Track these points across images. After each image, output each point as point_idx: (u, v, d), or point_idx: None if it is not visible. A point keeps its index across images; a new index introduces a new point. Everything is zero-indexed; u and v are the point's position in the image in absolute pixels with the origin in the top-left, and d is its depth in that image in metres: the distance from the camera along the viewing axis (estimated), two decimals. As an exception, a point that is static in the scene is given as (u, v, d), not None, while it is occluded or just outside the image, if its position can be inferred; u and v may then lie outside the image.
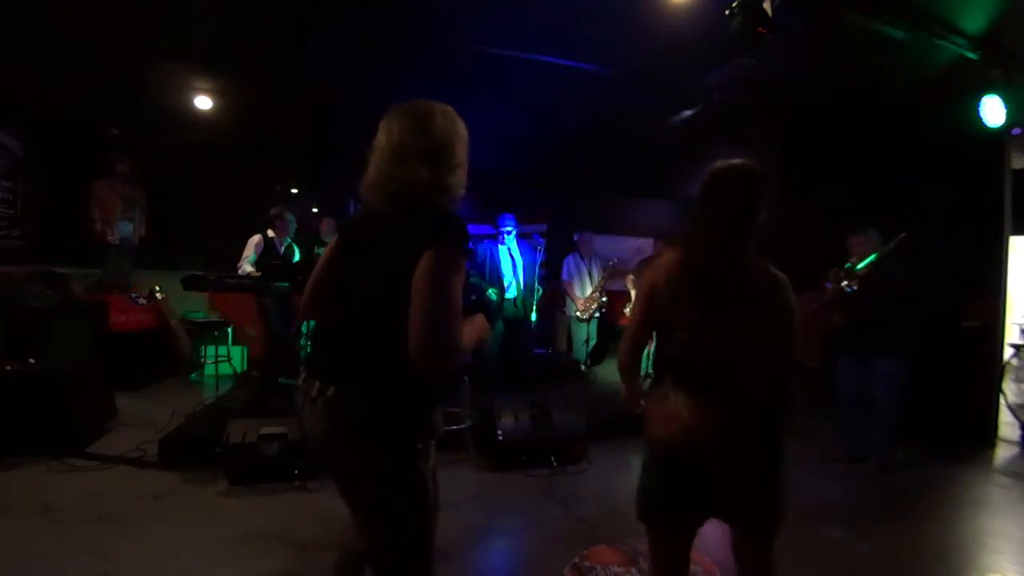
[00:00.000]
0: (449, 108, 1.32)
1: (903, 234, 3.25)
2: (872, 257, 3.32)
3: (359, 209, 1.32)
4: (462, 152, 1.30)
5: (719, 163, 1.46)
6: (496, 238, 4.93)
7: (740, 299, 1.37)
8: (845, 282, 3.33)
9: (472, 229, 7.18)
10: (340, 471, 1.24)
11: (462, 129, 1.32)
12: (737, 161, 1.45)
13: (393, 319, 1.12)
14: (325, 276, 1.36)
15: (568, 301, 6.08)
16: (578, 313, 5.89)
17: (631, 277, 5.90)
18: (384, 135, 1.26)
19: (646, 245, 7.38)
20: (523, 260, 5.06)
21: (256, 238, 4.52)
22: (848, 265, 3.39)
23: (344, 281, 1.29)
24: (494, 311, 4.59)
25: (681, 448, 1.38)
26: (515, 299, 4.91)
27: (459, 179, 1.30)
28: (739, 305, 1.36)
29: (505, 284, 4.86)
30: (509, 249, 4.92)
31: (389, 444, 1.18)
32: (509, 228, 4.87)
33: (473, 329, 1.31)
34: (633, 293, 5.84)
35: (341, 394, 1.18)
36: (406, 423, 1.20)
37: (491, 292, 4.64)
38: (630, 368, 1.57)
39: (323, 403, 1.19)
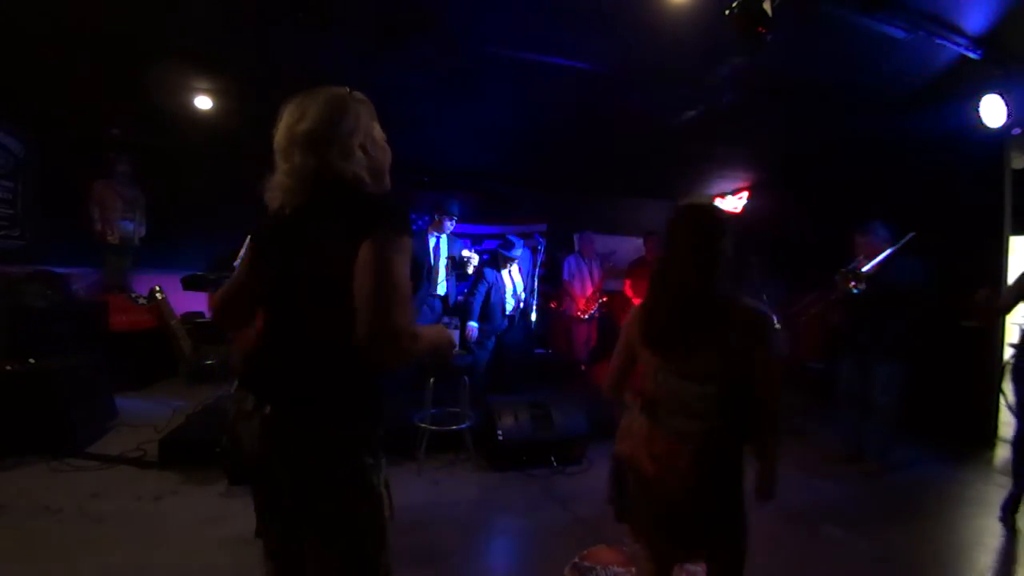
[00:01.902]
0: (341, 91, 1.22)
1: (912, 234, 3.25)
2: (880, 257, 3.30)
3: (269, 216, 1.21)
4: (359, 136, 1.19)
5: (681, 203, 1.47)
6: (501, 263, 4.81)
7: (708, 337, 1.35)
8: (853, 283, 3.32)
9: (486, 245, 7.11)
10: (279, 493, 1.13)
11: (356, 112, 1.20)
12: (697, 200, 1.46)
13: (328, 324, 1.05)
14: (242, 285, 1.27)
15: (568, 301, 6.08)
16: (579, 313, 5.89)
17: (628, 281, 5.91)
18: (286, 123, 1.17)
19: (646, 245, 7.38)
20: (525, 269, 5.03)
21: None
22: (853, 266, 3.38)
23: (270, 288, 1.20)
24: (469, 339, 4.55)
25: (631, 471, 1.43)
26: (514, 315, 4.90)
27: (363, 164, 1.18)
28: (707, 343, 1.35)
29: (507, 309, 4.83)
30: (510, 272, 4.88)
31: (335, 463, 1.09)
32: (517, 253, 4.81)
33: (432, 332, 1.22)
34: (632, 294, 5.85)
35: (277, 413, 1.10)
36: (351, 440, 1.11)
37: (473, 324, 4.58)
38: (613, 394, 1.60)
39: (259, 421, 1.11)
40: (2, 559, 2.21)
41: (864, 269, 3.32)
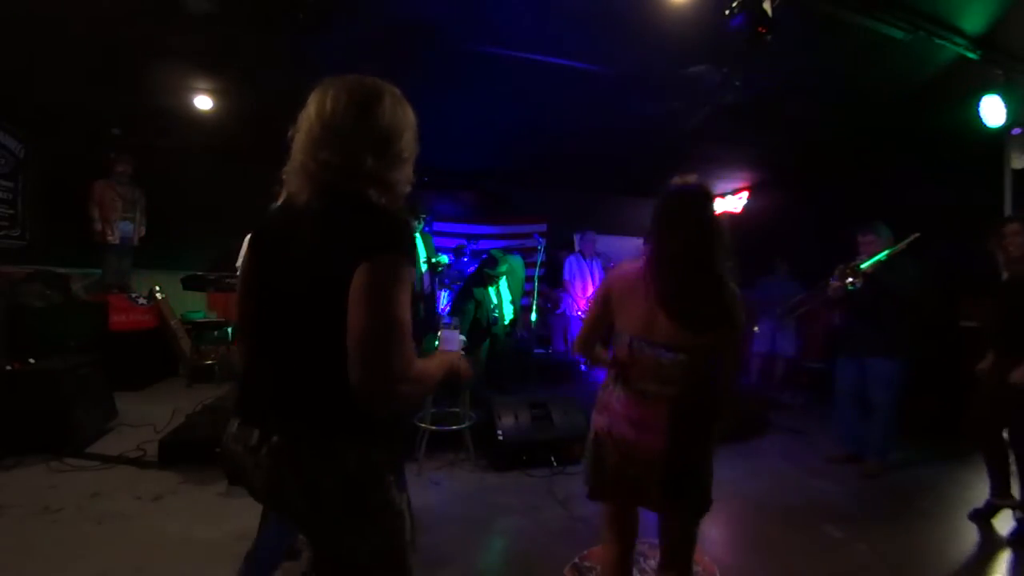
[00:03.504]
0: (398, 91, 1.11)
1: (915, 234, 3.23)
2: (880, 256, 3.29)
3: (272, 212, 1.10)
4: (411, 144, 1.10)
5: (675, 184, 1.49)
6: (486, 280, 4.79)
7: (709, 318, 1.42)
8: (850, 279, 3.31)
9: (482, 245, 7.06)
10: (297, 519, 1.06)
11: (412, 118, 1.11)
12: (691, 182, 1.49)
13: (334, 341, 0.93)
14: (247, 297, 1.13)
15: (568, 301, 6.08)
16: (579, 313, 5.89)
17: None
18: (315, 110, 1.03)
19: (646, 245, 7.39)
20: (522, 273, 5.02)
21: None
22: (854, 263, 3.37)
23: (268, 301, 1.05)
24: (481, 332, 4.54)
25: (607, 438, 1.50)
26: (511, 321, 4.89)
27: (406, 175, 1.10)
28: (708, 324, 1.42)
29: (493, 323, 4.82)
30: (498, 288, 4.85)
31: (353, 488, 0.99)
32: (503, 270, 4.79)
33: (441, 365, 1.13)
34: None
35: (287, 442, 0.98)
36: (368, 460, 1.00)
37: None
38: (583, 351, 1.68)
39: (267, 453, 0.99)
40: (2, 559, 2.21)
41: (862, 266, 3.31)
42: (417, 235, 4.78)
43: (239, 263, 4.37)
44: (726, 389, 1.48)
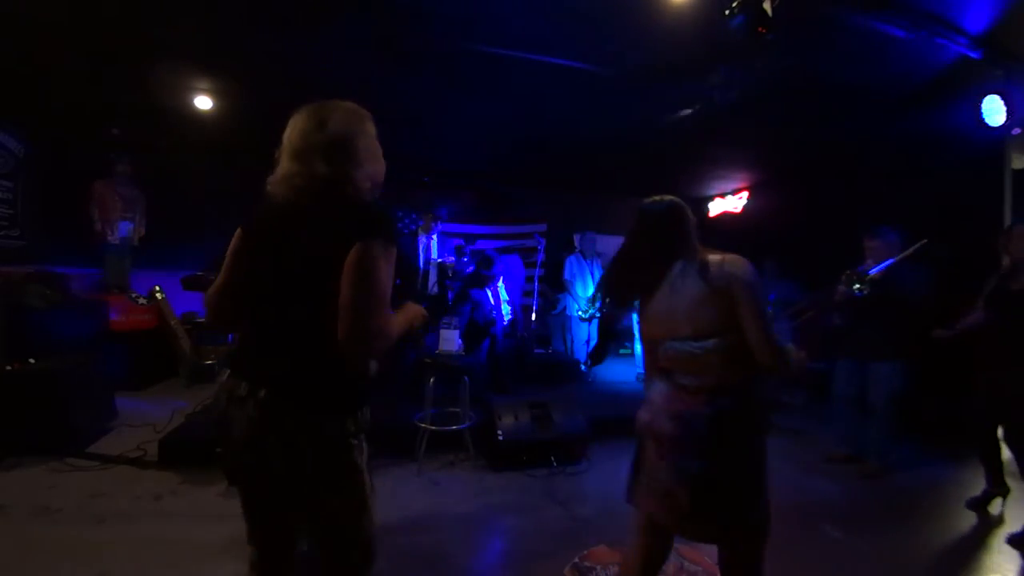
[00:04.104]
0: (355, 107, 1.34)
1: (924, 241, 3.22)
2: (889, 263, 3.27)
3: (261, 207, 1.30)
4: (368, 149, 1.31)
5: (650, 200, 1.56)
6: (481, 281, 4.82)
7: (696, 294, 1.41)
8: (857, 285, 3.30)
9: (479, 245, 7.08)
10: (271, 473, 1.19)
11: (367, 127, 1.33)
12: (664, 198, 1.55)
13: (321, 315, 1.13)
14: (232, 278, 1.31)
15: (568, 301, 6.08)
16: (579, 313, 5.89)
17: None
18: (287, 134, 1.29)
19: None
20: (513, 277, 5.03)
21: None
22: (860, 268, 3.36)
23: (264, 279, 1.24)
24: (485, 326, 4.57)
25: (648, 432, 1.47)
26: (510, 321, 4.90)
27: (366, 174, 1.30)
28: (698, 301, 1.40)
29: (494, 317, 4.83)
30: (495, 288, 4.85)
31: (326, 447, 1.18)
32: (500, 269, 4.78)
33: (404, 317, 1.35)
34: None
35: (273, 398, 1.16)
36: (342, 425, 1.21)
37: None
38: (648, 374, 1.63)
39: (254, 405, 1.16)
40: (2, 559, 2.21)
41: (870, 272, 3.29)
42: (434, 236, 4.83)
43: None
44: (765, 342, 1.34)
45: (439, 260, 4.74)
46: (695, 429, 1.36)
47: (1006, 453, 2.94)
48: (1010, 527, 2.78)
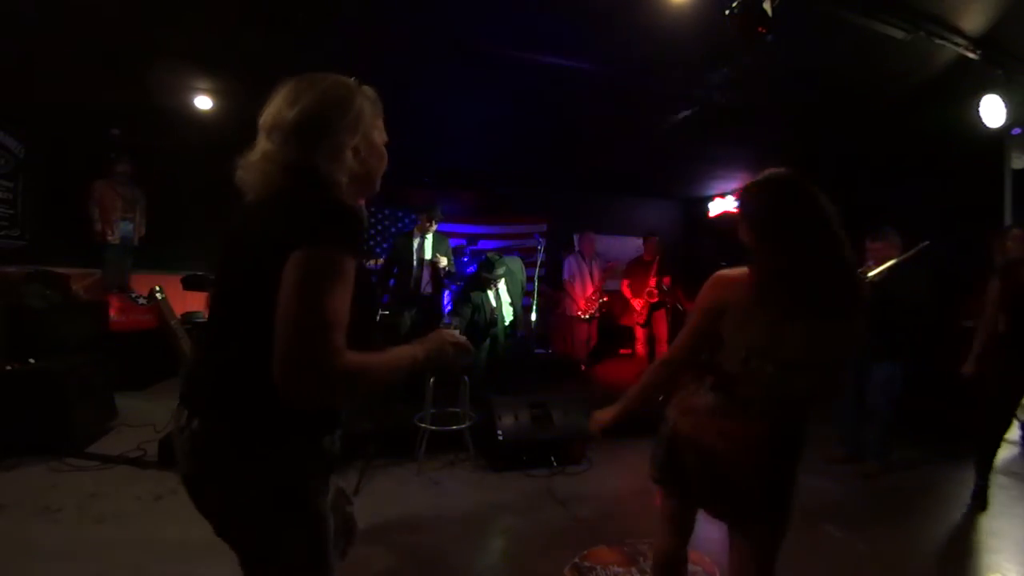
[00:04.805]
0: (344, 80, 1.08)
1: (925, 243, 3.22)
2: (889, 264, 3.26)
3: (240, 204, 1.10)
4: (354, 131, 1.04)
5: (763, 178, 1.39)
6: (484, 284, 4.76)
7: (841, 309, 1.27)
8: None
9: (481, 245, 7.07)
10: (213, 515, 1.03)
11: (356, 106, 1.05)
12: (782, 173, 1.39)
13: (264, 331, 0.87)
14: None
15: (568, 301, 6.08)
16: (579, 313, 5.89)
17: (626, 281, 5.92)
18: (276, 109, 1.05)
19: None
20: (521, 275, 5.02)
21: None
22: (862, 271, 3.35)
23: (214, 294, 1.06)
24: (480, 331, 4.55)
25: (689, 443, 1.42)
26: (511, 322, 4.89)
27: (343, 167, 1.03)
28: (842, 332, 1.27)
29: (495, 318, 4.82)
30: (497, 291, 4.85)
31: (271, 488, 0.95)
32: (500, 272, 4.78)
33: (399, 358, 1.02)
34: (630, 295, 5.85)
35: (205, 428, 0.96)
36: (290, 459, 0.97)
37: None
38: (680, 367, 1.47)
39: (188, 436, 0.97)
40: (2, 559, 2.21)
41: (870, 274, 3.29)
42: (428, 236, 4.79)
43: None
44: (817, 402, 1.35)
45: (431, 259, 4.72)
46: (751, 452, 1.35)
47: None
48: (1012, 528, 2.78)
